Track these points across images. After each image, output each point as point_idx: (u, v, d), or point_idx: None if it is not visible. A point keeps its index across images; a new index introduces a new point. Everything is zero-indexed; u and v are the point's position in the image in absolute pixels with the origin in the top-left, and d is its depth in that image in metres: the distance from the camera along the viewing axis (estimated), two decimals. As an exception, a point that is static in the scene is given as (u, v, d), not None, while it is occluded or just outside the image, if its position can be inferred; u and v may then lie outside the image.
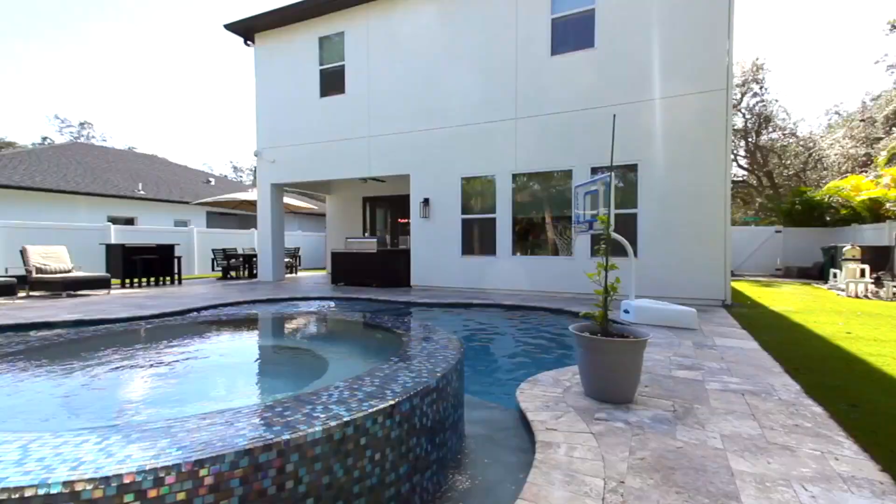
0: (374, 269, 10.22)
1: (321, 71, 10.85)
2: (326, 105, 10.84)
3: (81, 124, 44.19)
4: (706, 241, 7.29)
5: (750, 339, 4.58)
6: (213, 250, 13.96)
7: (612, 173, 4.23)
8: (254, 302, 7.65)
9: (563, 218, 8.44)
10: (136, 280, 10.52)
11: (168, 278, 11.11)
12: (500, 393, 3.38)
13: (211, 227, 19.56)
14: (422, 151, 9.75)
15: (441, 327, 3.01)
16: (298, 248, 16.21)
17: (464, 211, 9.39)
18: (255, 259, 13.08)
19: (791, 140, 25.27)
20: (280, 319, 4.35)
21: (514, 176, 8.86)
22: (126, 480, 1.13)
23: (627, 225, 7.61)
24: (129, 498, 1.14)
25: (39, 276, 8.26)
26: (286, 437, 1.34)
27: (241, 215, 22.13)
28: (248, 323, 4.12)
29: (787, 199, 18.62)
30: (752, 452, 2.04)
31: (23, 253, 8.43)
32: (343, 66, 10.55)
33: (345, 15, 10.40)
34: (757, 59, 23.99)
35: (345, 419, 1.48)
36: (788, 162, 25.23)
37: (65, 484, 1.09)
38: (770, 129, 25.42)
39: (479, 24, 9.09)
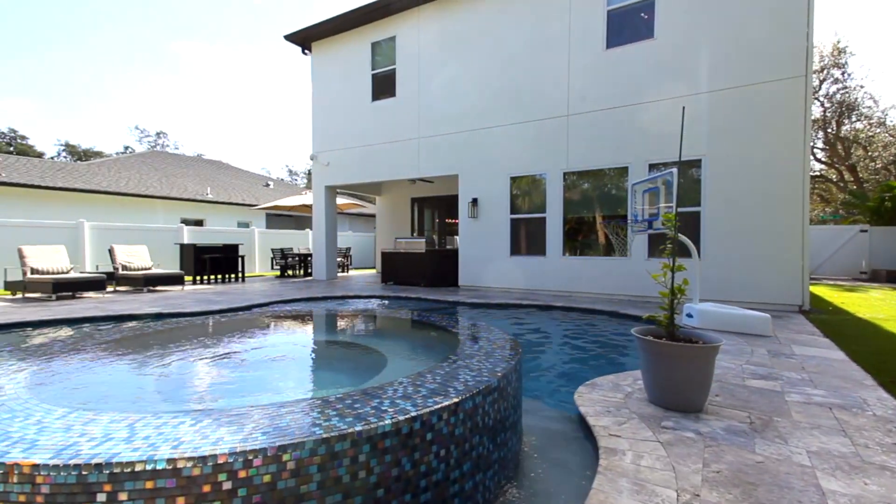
0: (423, 268, 10.37)
1: (373, 75, 11.17)
2: (378, 108, 11.14)
3: (158, 134, 48.43)
4: (780, 241, 6.72)
5: (835, 348, 4.17)
6: (272, 250, 14.78)
7: (677, 169, 4.00)
8: (310, 299, 8.01)
9: (617, 217, 8.11)
10: (205, 277, 11.36)
11: (233, 276, 11.89)
12: (556, 396, 3.31)
13: (270, 228, 20.72)
14: (470, 151, 9.77)
15: (495, 328, 3.00)
16: (349, 248, 16.77)
17: (512, 210, 9.30)
18: (309, 258, 13.69)
19: (879, 130, 22.70)
20: (338, 316, 4.53)
21: (566, 174, 8.65)
22: (220, 461, 1.23)
23: (689, 224, 7.19)
24: (222, 477, 1.23)
25: (124, 272, 9.14)
26: (359, 428, 1.40)
27: (296, 217, 23.28)
28: (308, 319, 4.32)
29: (875, 194, 16.75)
30: (846, 472, 1.86)
31: (111, 252, 9.36)
32: (394, 69, 10.79)
33: (396, 20, 10.64)
34: (838, 41, 21.77)
35: (411, 414, 1.51)
36: (876, 154, 22.68)
37: (168, 461, 1.21)
38: (853, 119, 22.98)
39: (530, 22, 8.95)
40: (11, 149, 37.14)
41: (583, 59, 8.39)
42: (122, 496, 1.17)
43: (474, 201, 9.70)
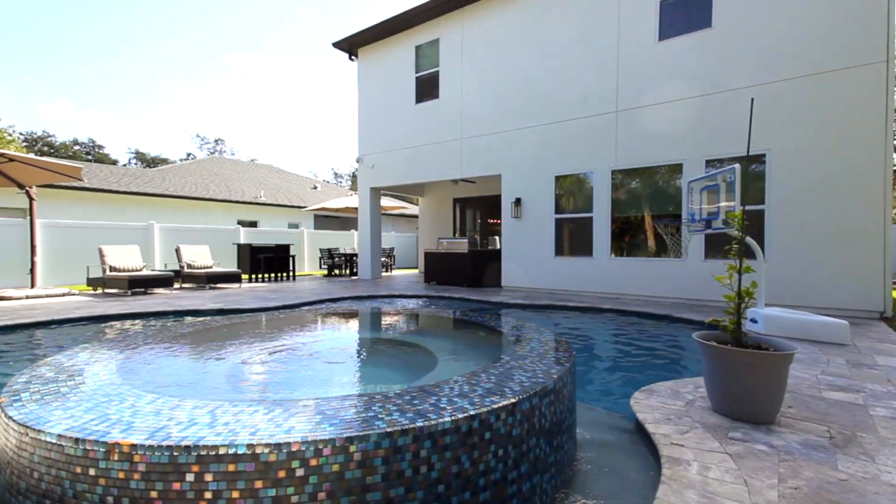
0: (466, 268, 10.38)
1: (417, 78, 11.33)
2: (421, 110, 11.29)
3: (216, 141, 51.68)
4: (858, 242, 6.15)
5: (926, 360, 3.76)
6: (320, 250, 15.35)
7: (740, 165, 3.77)
8: (358, 298, 8.25)
9: (669, 216, 7.74)
10: (259, 275, 11.99)
11: (284, 274, 12.47)
12: (609, 401, 3.21)
13: (317, 229, 21.53)
14: (514, 151, 9.68)
15: (545, 329, 2.96)
16: (393, 248, 17.10)
17: (557, 210, 9.11)
18: (355, 258, 14.10)
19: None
20: (387, 315, 4.63)
21: (614, 172, 8.36)
22: (293, 448, 1.30)
23: (751, 224, 6.73)
24: (295, 464, 1.30)
25: (189, 270, 9.82)
26: (420, 424, 1.43)
27: (342, 218, 24.04)
28: (359, 317, 4.45)
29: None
30: (948, 497, 1.67)
31: (177, 251, 10.09)
32: (437, 71, 10.89)
33: (440, 22, 10.73)
34: (925, 19, 19.58)
35: (470, 412, 1.52)
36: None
37: (248, 446, 1.29)
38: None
39: (577, 18, 8.74)
40: (90, 157, 40.95)
41: (633, 53, 8.08)
42: (208, 477, 1.27)
43: (517, 201, 9.59)
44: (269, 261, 12.03)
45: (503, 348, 2.61)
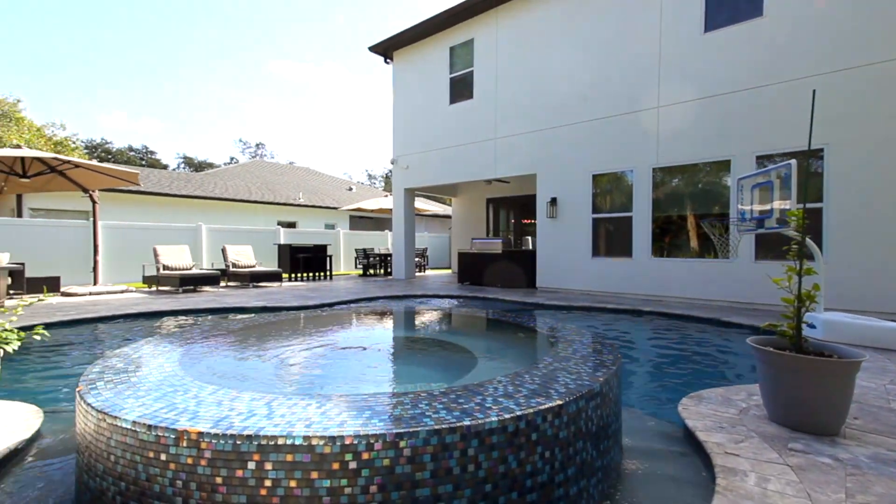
0: (499, 269, 10.32)
1: (451, 79, 11.38)
2: (455, 111, 11.33)
3: (257, 145, 53.90)
4: (930, 242, 5.65)
5: None
6: (355, 250, 15.69)
7: (796, 161, 3.55)
8: (394, 297, 8.37)
9: (715, 215, 7.40)
10: (298, 274, 12.39)
11: (322, 273, 12.83)
12: (654, 406, 3.11)
13: (352, 230, 22.01)
14: (549, 150, 9.53)
15: (587, 331, 2.90)
16: (426, 248, 17.23)
17: (594, 210, 8.90)
18: (389, 258, 14.31)
19: None
20: (425, 314, 4.68)
21: (655, 170, 8.08)
22: (347, 442, 1.34)
23: (809, 222, 6.32)
24: (349, 457, 1.34)
25: (234, 269, 10.29)
26: (467, 422, 1.44)
27: (376, 218, 24.47)
28: (398, 315, 4.52)
29: None
30: None
31: (223, 251, 10.59)
32: (472, 71, 10.90)
33: (474, 22, 10.73)
34: None
35: (517, 413, 1.52)
36: None
37: (304, 438, 1.34)
38: None
39: (617, 12, 8.51)
40: (143, 162, 43.64)
41: (676, 45, 7.78)
42: (268, 466, 1.33)
43: (553, 201, 9.44)
44: (307, 260, 12.42)
45: (544, 350, 2.59)
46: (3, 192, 8.63)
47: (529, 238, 12.64)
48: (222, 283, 10.52)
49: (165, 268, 9.13)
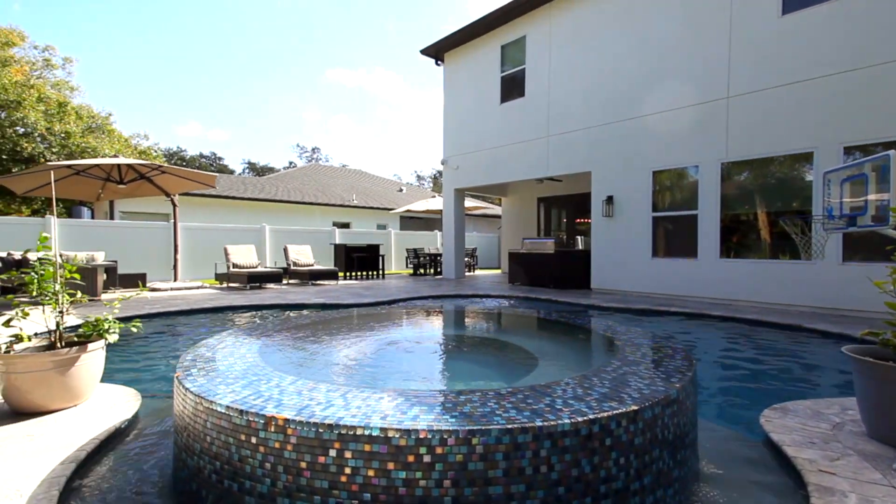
0: (552, 269, 10.10)
1: (502, 77, 11.29)
2: (506, 110, 11.23)
3: (313, 149, 56.52)
4: None
5: None
6: (406, 249, 16.00)
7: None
8: (445, 296, 8.45)
9: (794, 213, 6.78)
10: (352, 273, 12.84)
11: (374, 272, 13.20)
12: (732, 417, 2.91)
13: (403, 230, 22.47)
14: (605, 146, 9.19)
15: (656, 335, 2.77)
16: (475, 248, 17.22)
17: (654, 208, 8.46)
18: (439, 258, 14.46)
19: None
20: (479, 313, 4.69)
21: (724, 165, 7.54)
22: (421, 435, 1.38)
23: (907, 220, 5.63)
24: (423, 450, 1.38)
25: (294, 268, 10.85)
26: (539, 423, 1.43)
27: (425, 219, 24.80)
28: (453, 314, 4.56)
29: None
30: None
31: (285, 251, 11.20)
32: (524, 69, 10.75)
33: (527, 19, 10.58)
34: None
35: (589, 416, 1.48)
36: None
37: (381, 429, 1.39)
38: None
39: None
40: (213, 168, 47.13)
41: (750, 30, 7.22)
42: (348, 454, 1.39)
43: (609, 199, 9.10)
44: (361, 259, 12.84)
45: (608, 352, 2.50)
46: (100, 198, 9.69)
47: (582, 238, 12.27)
48: (284, 281, 11.12)
49: (235, 266, 9.80)
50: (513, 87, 11.10)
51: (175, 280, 10.07)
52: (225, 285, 10.02)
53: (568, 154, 9.91)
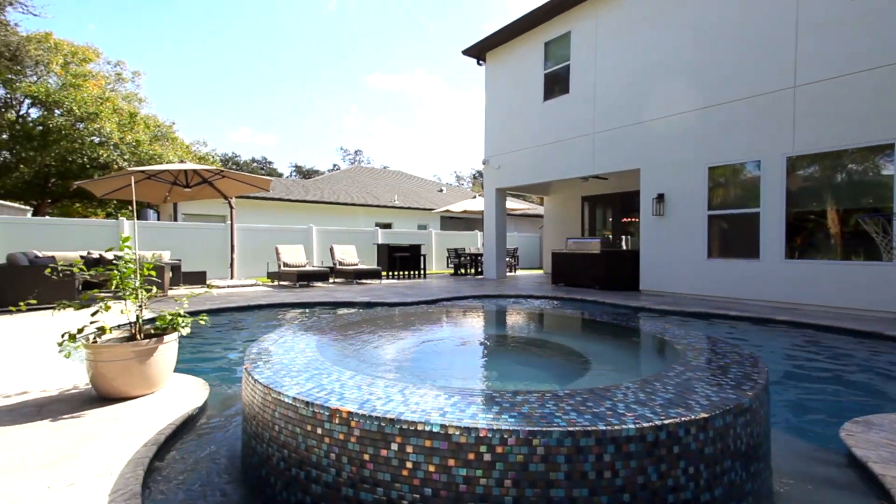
0: (597, 270, 9.80)
1: (545, 75, 11.10)
2: (549, 107, 11.02)
3: (356, 152, 58.11)
4: None
5: None
6: (447, 249, 16.09)
7: None
8: (488, 296, 8.42)
9: (870, 210, 6.18)
10: (394, 273, 13.07)
11: (416, 272, 13.37)
12: (806, 429, 2.70)
13: (443, 230, 22.60)
14: (656, 142, 8.81)
15: (721, 339, 2.62)
16: (516, 248, 17.02)
17: (710, 205, 8.00)
18: (480, 258, 14.42)
19: None
20: (526, 313, 4.63)
21: (789, 159, 7.01)
22: (481, 434, 1.38)
23: None
24: (483, 449, 1.38)
25: (340, 267, 11.20)
26: (602, 427, 1.39)
27: (465, 219, 24.81)
28: (499, 314, 4.54)
29: None
30: None
31: (331, 250, 11.58)
32: (568, 65, 10.51)
33: (571, 15, 10.34)
34: None
35: (656, 422, 1.43)
36: None
37: (441, 426, 1.41)
38: None
39: (738, -19, 7.56)
40: (263, 171, 49.54)
41: (820, 12, 6.67)
42: (409, 449, 1.42)
43: (660, 197, 8.70)
44: (403, 259, 13.04)
45: (669, 357, 2.39)
46: (166, 201, 10.45)
47: (629, 237, 11.82)
48: (330, 280, 11.50)
49: (285, 265, 10.26)
50: (556, 84, 10.88)
51: (231, 278, 10.68)
52: (276, 283, 10.50)
53: (615, 151, 9.58)
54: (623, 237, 12.41)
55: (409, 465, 1.42)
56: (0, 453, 1.98)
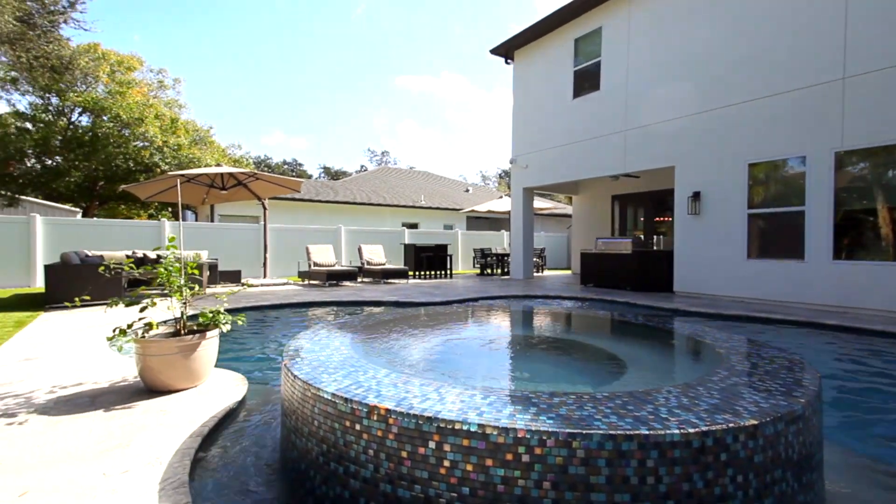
0: (629, 271, 9.55)
1: (575, 72, 10.91)
2: (579, 105, 10.83)
3: (383, 153, 58.85)
4: None
5: None
6: (473, 249, 16.06)
7: None
8: (515, 297, 8.35)
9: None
10: (421, 272, 13.15)
11: (442, 272, 13.40)
12: (860, 441, 2.55)
13: (469, 230, 22.57)
14: (691, 138, 8.50)
15: (766, 344, 2.50)
16: (544, 248, 16.81)
17: (750, 204, 7.66)
18: (506, 258, 14.32)
19: None
20: (557, 314, 4.56)
21: (837, 154, 6.63)
22: (519, 435, 1.37)
23: None
24: (521, 450, 1.37)
25: (368, 266, 11.35)
26: (645, 431, 1.35)
27: (491, 219, 24.70)
28: (530, 314, 4.49)
29: None
30: None
31: (359, 250, 11.76)
32: (598, 62, 10.29)
33: (603, 10, 10.12)
34: None
35: (702, 428, 1.38)
36: None
37: (479, 426, 1.40)
38: None
39: (781, -32, 7.21)
40: (293, 173, 50.82)
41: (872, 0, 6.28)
42: (446, 447, 1.42)
43: (696, 195, 8.40)
44: (429, 259, 13.10)
45: (711, 361, 2.30)
46: (204, 202, 10.89)
47: (662, 237, 11.47)
48: (358, 279, 11.68)
49: (315, 264, 10.49)
50: (586, 80, 10.68)
51: (264, 277, 11.01)
52: (306, 282, 10.75)
53: (648, 148, 9.31)
54: (655, 237, 12.05)
55: (446, 463, 1.42)
56: (61, 441, 2.11)
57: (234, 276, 9.91)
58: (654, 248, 10.97)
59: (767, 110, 7.39)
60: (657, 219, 12.63)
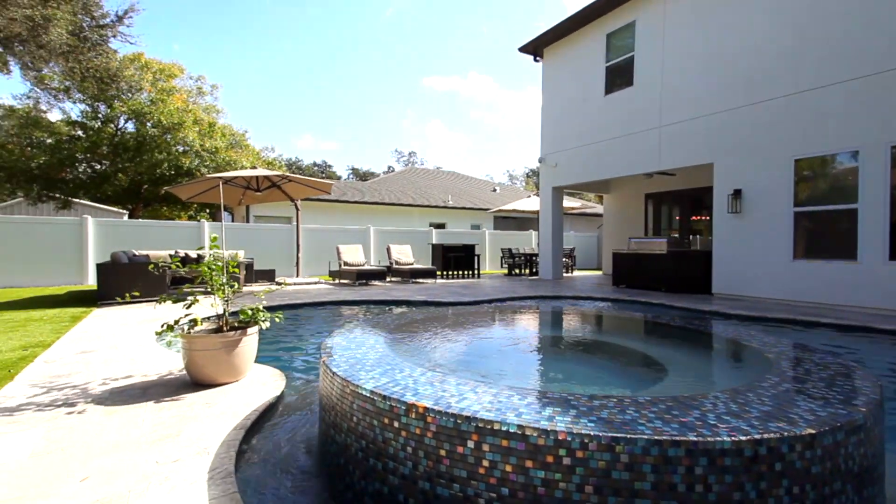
0: (664, 271, 9.25)
1: (607, 68, 10.66)
2: (611, 101, 10.57)
3: (410, 154, 59.39)
4: None
5: None
6: (501, 249, 15.95)
7: None
8: (545, 297, 8.24)
9: None
10: (449, 272, 13.17)
11: (470, 272, 13.38)
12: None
13: (496, 230, 22.43)
14: (731, 134, 8.15)
15: (820, 350, 2.37)
16: (573, 248, 16.51)
17: (796, 202, 7.27)
18: (534, 258, 14.14)
19: None
20: (590, 316, 4.47)
21: (894, 149, 6.20)
22: (560, 437, 1.35)
23: None
24: (562, 452, 1.35)
25: (397, 266, 11.47)
26: (693, 437, 1.30)
27: (518, 218, 24.49)
28: (562, 315, 4.42)
29: None
30: None
31: (388, 250, 11.90)
32: (632, 56, 10.02)
33: (637, 3, 9.84)
34: None
35: (755, 436, 1.32)
36: None
37: (518, 426, 1.39)
38: None
39: (831, -48, 6.80)
40: (323, 175, 51.98)
41: (934, -22, 5.83)
42: (485, 447, 1.42)
43: (736, 193, 8.05)
44: (457, 259, 13.11)
45: (760, 366, 2.20)
46: (241, 203, 11.29)
47: (698, 237, 11.05)
48: (387, 279, 11.82)
49: (345, 264, 10.69)
50: (618, 76, 10.41)
51: (297, 276, 11.31)
52: (337, 281, 10.97)
53: (684, 145, 8.99)
54: (691, 236, 11.62)
55: (485, 463, 1.42)
56: (116, 430, 2.23)
57: (268, 275, 10.23)
58: (691, 247, 10.58)
59: (816, 103, 6.99)
60: (694, 217, 12.18)
